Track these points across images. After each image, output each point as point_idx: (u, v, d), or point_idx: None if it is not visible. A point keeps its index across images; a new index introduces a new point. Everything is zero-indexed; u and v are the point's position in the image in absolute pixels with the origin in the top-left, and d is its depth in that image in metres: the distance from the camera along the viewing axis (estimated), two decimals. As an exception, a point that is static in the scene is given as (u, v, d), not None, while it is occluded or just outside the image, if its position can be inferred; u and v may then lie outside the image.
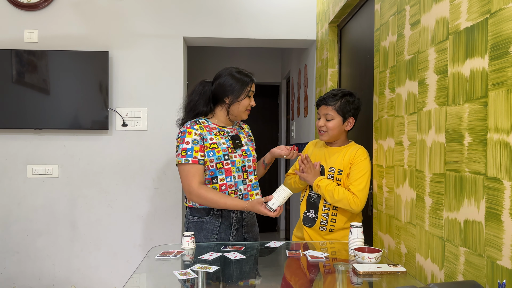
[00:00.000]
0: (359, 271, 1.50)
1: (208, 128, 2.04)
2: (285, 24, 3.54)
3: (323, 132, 2.11)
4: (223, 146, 2.01)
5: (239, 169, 2.03)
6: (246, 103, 2.09)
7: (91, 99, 3.28)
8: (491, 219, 1.25)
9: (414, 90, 1.75)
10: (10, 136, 3.34)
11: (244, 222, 2.08)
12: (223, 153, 2.00)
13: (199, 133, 1.99)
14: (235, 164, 2.02)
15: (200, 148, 1.97)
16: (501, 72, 1.21)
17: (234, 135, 2.09)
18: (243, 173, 2.05)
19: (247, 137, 2.19)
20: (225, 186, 2.00)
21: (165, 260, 1.72)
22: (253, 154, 2.12)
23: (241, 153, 2.06)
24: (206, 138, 2.00)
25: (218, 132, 2.05)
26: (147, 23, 3.44)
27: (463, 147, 1.39)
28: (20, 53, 3.22)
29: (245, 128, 2.24)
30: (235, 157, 2.03)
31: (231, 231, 2.04)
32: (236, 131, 2.13)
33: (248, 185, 2.06)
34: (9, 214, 3.33)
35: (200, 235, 2.02)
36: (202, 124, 2.04)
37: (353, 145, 2.15)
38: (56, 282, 3.36)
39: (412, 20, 1.79)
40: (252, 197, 2.06)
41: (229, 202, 1.93)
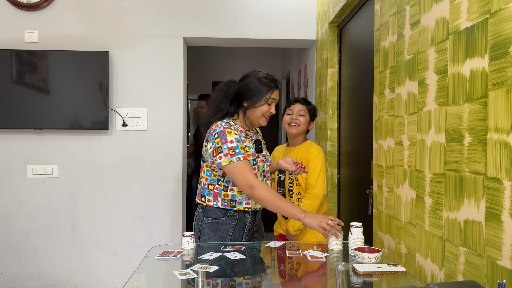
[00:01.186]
0: (359, 271, 1.50)
1: (238, 131, 1.98)
2: (285, 24, 3.54)
3: (295, 125, 2.40)
4: (251, 151, 1.98)
5: (261, 174, 2.02)
6: (264, 110, 2.00)
7: (91, 99, 3.28)
8: (491, 219, 1.25)
9: (414, 90, 1.75)
10: (10, 136, 3.34)
11: (256, 222, 2.08)
12: (252, 157, 1.97)
13: (238, 133, 1.95)
14: (259, 168, 2.01)
15: (244, 146, 1.94)
16: (501, 72, 1.21)
17: (257, 139, 2.08)
18: (264, 178, 2.05)
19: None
20: None
21: (165, 260, 1.72)
22: (270, 159, 2.13)
23: (262, 158, 2.05)
24: (242, 139, 1.96)
25: (246, 136, 2.02)
26: (147, 23, 3.44)
27: (463, 147, 1.39)
28: (20, 53, 3.22)
29: (259, 132, 2.21)
30: (259, 162, 2.02)
31: (244, 231, 2.03)
32: (255, 135, 2.12)
33: None
34: (9, 214, 3.33)
35: (215, 236, 1.98)
36: (233, 126, 1.98)
37: (308, 143, 2.45)
38: (56, 282, 3.36)
39: (412, 20, 1.79)
40: None
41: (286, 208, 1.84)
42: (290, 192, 2.41)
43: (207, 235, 1.99)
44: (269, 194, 1.84)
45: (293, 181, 2.39)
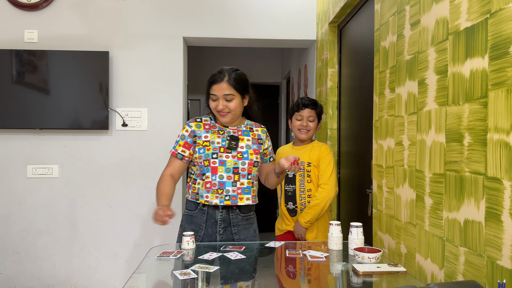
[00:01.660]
0: (359, 271, 1.50)
1: (208, 126, 2.05)
2: (285, 24, 3.54)
3: (306, 131, 2.48)
4: (215, 145, 2.01)
5: (229, 169, 1.99)
6: (212, 106, 2.01)
7: (91, 99, 3.28)
8: (491, 219, 1.25)
9: (414, 90, 1.75)
10: (10, 136, 3.34)
11: (233, 222, 2.03)
12: (212, 151, 1.99)
13: (192, 130, 2.03)
14: (225, 164, 1.99)
15: (185, 144, 2.02)
16: (501, 72, 1.21)
17: (233, 135, 2.05)
18: (234, 174, 2.00)
19: (254, 140, 2.09)
20: (210, 184, 1.99)
21: (165, 260, 1.72)
22: (252, 158, 2.03)
23: (235, 155, 2.01)
24: (199, 135, 2.02)
25: (217, 131, 2.05)
26: (147, 23, 3.44)
27: (463, 147, 1.39)
28: (20, 53, 3.22)
29: (256, 132, 2.13)
30: (226, 157, 1.99)
31: (218, 229, 2.02)
32: (240, 133, 2.08)
33: (238, 188, 2.00)
34: (9, 214, 3.33)
35: (189, 228, 2.05)
36: (203, 122, 2.07)
37: (316, 142, 2.53)
38: (56, 282, 3.36)
39: (412, 20, 1.79)
40: (241, 200, 2.01)
41: (157, 200, 1.98)
42: (301, 188, 2.46)
43: (183, 226, 2.07)
44: (158, 187, 2.01)
45: (305, 177, 2.45)
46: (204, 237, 2.02)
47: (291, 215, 2.51)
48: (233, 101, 1.99)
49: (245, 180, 2.02)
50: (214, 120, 2.08)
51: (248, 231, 2.08)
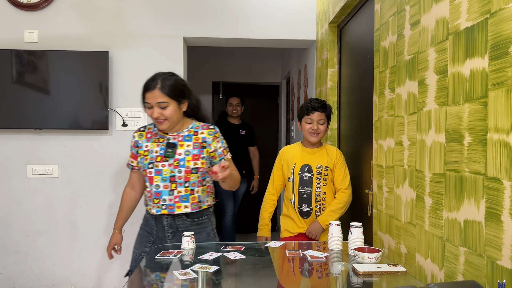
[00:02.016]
0: (359, 271, 1.50)
1: (150, 135, 2.05)
2: (285, 24, 3.54)
3: (315, 134, 2.46)
4: (153, 154, 1.99)
5: (166, 178, 1.95)
6: (148, 114, 1.97)
7: (91, 99, 3.28)
8: (491, 219, 1.25)
9: (414, 90, 1.75)
10: (10, 136, 3.34)
11: (180, 228, 2.01)
12: (149, 161, 1.98)
13: (135, 141, 2.08)
14: (161, 173, 1.96)
15: (131, 155, 2.10)
16: (501, 72, 1.21)
17: (170, 142, 2.00)
18: (171, 183, 1.96)
19: (196, 144, 2.01)
20: (150, 194, 2.00)
21: (165, 260, 1.72)
22: (188, 165, 1.96)
23: (172, 163, 1.96)
24: (141, 146, 2.05)
25: (157, 139, 2.03)
26: (147, 23, 3.44)
27: (463, 147, 1.39)
28: (20, 53, 3.22)
29: (200, 135, 2.03)
30: (162, 166, 1.96)
31: (167, 234, 2.03)
32: (181, 138, 2.01)
33: (176, 196, 1.96)
34: (9, 214, 3.33)
35: (144, 229, 2.12)
36: (147, 130, 2.08)
37: (328, 145, 2.55)
38: (56, 282, 3.36)
39: (412, 20, 1.79)
40: (179, 209, 1.97)
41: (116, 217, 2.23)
42: (317, 191, 2.46)
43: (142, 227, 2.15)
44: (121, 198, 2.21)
45: (321, 181, 2.46)
46: (156, 240, 2.06)
47: (304, 217, 2.48)
48: (168, 109, 1.93)
49: (183, 188, 1.96)
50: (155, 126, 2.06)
51: (200, 235, 2.03)
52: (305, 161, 2.48)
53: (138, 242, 2.11)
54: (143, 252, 2.05)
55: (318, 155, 2.49)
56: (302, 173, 2.47)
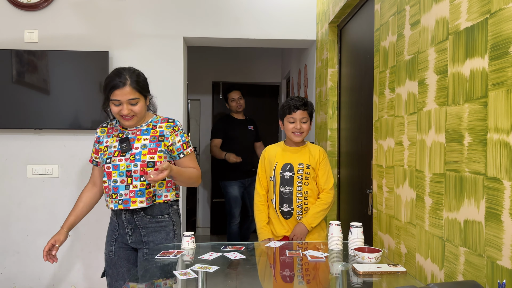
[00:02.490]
0: (359, 271, 1.50)
1: (111, 131, 2.05)
2: (285, 24, 3.54)
3: (299, 133, 2.43)
4: (111, 149, 1.99)
5: (122, 173, 1.94)
6: (115, 111, 1.93)
7: (91, 99, 3.28)
8: (491, 219, 1.25)
9: (414, 90, 1.75)
10: (10, 136, 3.34)
11: (139, 225, 1.99)
12: (107, 156, 1.98)
13: (97, 136, 2.08)
14: (118, 168, 1.94)
15: (95, 150, 2.10)
16: (501, 72, 1.21)
17: (122, 138, 1.99)
18: (127, 177, 1.93)
19: (153, 138, 1.99)
20: (108, 189, 1.98)
21: (165, 260, 1.72)
22: (144, 158, 1.93)
23: (128, 157, 1.94)
24: (102, 141, 2.05)
25: (117, 135, 2.03)
26: (147, 23, 3.44)
27: (463, 147, 1.39)
28: (20, 53, 3.22)
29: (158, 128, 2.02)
30: (119, 161, 1.94)
31: (126, 231, 2.02)
32: (139, 132, 2.00)
33: (131, 191, 1.93)
34: (9, 214, 3.33)
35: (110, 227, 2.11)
36: (108, 127, 2.08)
37: (311, 144, 2.52)
38: (56, 282, 3.36)
39: (412, 20, 1.79)
40: (135, 204, 1.93)
41: None
42: (299, 190, 2.40)
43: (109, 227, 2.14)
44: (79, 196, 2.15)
45: (303, 180, 2.41)
46: (118, 237, 2.06)
47: (286, 217, 2.42)
48: (138, 105, 1.93)
49: (138, 183, 1.93)
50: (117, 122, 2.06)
51: (159, 234, 2.00)
52: (286, 160, 2.44)
53: (106, 241, 2.11)
54: (110, 252, 2.07)
55: (300, 154, 2.45)
56: (283, 172, 2.43)
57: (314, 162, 2.43)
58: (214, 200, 5.84)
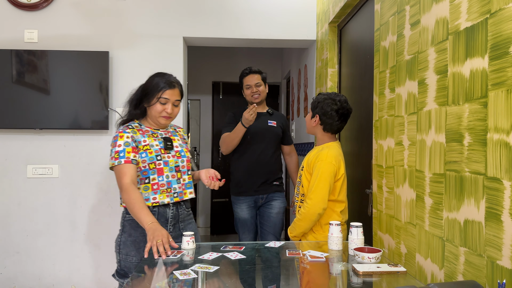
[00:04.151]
0: (359, 271, 1.50)
1: (141, 132, 2.07)
2: (285, 24, 3.54)
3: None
4: (155, 148, 2.05)
5: (172, 169, 2.07)
6: (159, 109, 2.05)
7: (91, 99, 3.28)
8: (491, 219, 1.25)
9: (414, 90, 1.75)
10: (10, 136, 3.34)
11: (181, 218, 2.11)
12: (155, 153, 2.03)
13: (131, 135, 2.03)
14: (168, 164, 2.06)
15: (133, 149, 2.00)
16: (501, 72, 1.21)
17: (166, 137, 2.12)
18: (177, 172, 2.09)
19: (181, 140, 2.21)
20: (157, 185, 2.03)
21: (165, 260, 1.72)
22: (187, 155, 2.16)
23: (174, 154, 2.10)
24: (139, 141, 2.03)
25: (152, 135, 2.08)
26: (147, 23, 3.44)
27: (463, 147, 1.39)
28: (20, 53, 3.22)
29: (180, 132, 2.26)
30: (168, 158, 2.07)
31: (168, 227, 2.04)
32: (170, 134, 2.16)
33: (182, 184, 2.10)
34: (9, 214, 3.33)
35: (136, 233, 2.00)
36: (135, 128, 2.07)
37: (324, 146, 2.26)
38: (56, 282, 3.36)
39: (412, 20, 1.79)
40: (185, 195, 2.11)
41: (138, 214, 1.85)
42: (297, 191, 2.35)
43: (128, 232, 2.03)
44: (129, 199, 1.89)
45: (301, 182, 2.30)
46: None
47: None
48: (178, 107, 2.12)
49: (186, 176, 2.13)
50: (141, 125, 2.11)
51: (191, 225, 2.17)
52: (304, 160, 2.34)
53: (135, 249, 2.00)
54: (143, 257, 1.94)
55: (310, 154, 2.28)
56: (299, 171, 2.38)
57: (309, 164, 2.23)
58: (214, 200, 5.84)
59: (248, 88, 3.09)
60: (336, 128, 2.27)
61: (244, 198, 3.03)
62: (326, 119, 2.24)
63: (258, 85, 3.09)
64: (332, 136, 2.30)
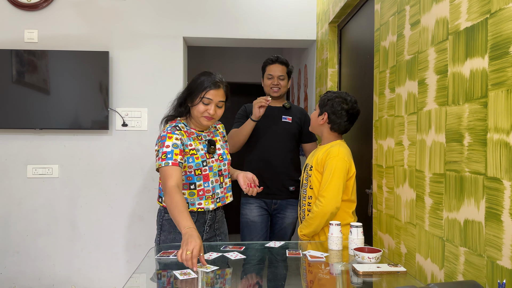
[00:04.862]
0: (359, 271, 1.50)
1: (187, 134, 2.01)
2: (285, 24, 3.54)
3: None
4: (201, 152, 2.00)
5: (216, 173, 2.04)
6: (201, 109, 1.97)
7: (91, 99, 3.28)
8: (491, 219, 1.25)
9: (414, 90, 1.75)
10: (10, 136, 3.34)
11: (216, 219, 2.11)
12: (201, 159, 1.99)
13: (180, 138, 1.95)
14: (212, 169, 2.03)
15: (180, 152, 1.92)
16: (501, 72, 1.21)
17: (210, 139, 2.06)
18: (220, 177, 2.06)
19: (222, 139, 2.16)
20: (203, 192, 2.00)
21: (165, 260, 1.72)
22: (228, 157, 2.12)
23: (217, 158, 2.06)
24: (186, 144, 1.97)
25: (196, 138, 2.03)
26: (147, 23, 3.44)
27: (463, 147, 1.39)
28: (20, 53, 3.22)
29: (219, 129, 2.19)
30: (212, 162, 2.03)
31: (205, 228, 2.05)
32: (212, 134, 2.10)
33: (224, 188, 2.09)
34: (9, 214, 3.33)
35: (175, 231, 2.00)
36: (182, 130, 2.00)
37: (333, 143, 2.19)
38: (56, 282, 3.36)
39: (412, 20, 1.79)
40: (227, 199, 2.11)
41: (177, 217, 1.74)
42: (304, 194, 2.24)
43: (167, 231, 2.03)
44: (170, 203, 1.79)
45: (308, 182, 2.21)
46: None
47: None
48: (222, 109, 2.03)
49: (228, 180, 2.12)
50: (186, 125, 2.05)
51: (224, 225, 2.19)
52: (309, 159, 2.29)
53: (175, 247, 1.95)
54: None
55: (318, 153, 2.20)
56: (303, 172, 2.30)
57: (319, 163, 2.14)
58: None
59: (269, 78, 2.80)
60: (344, 129, 2.22)
61: (255, 200, 2.76)
62: (335, 118, 2.17)
63: (281, 78, 2.80)
64: (338, 136, 2.24)
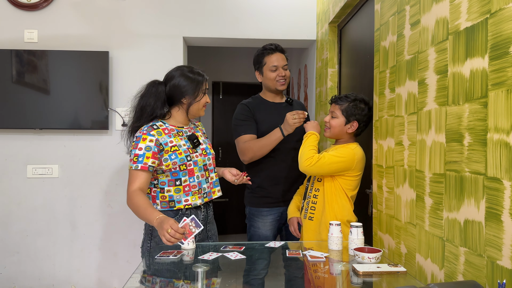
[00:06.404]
0: (359, 271, 1.50)
1: (167, 131, 1.99)
2: (285, 24, 3.54)
3: (327, 128, 2.20)
4: (183, 148, 1.99)
5: (201, 168, 2.04)
6: (204, 101, 2.08)
7: (91, 99, 3.28)
8: (491, 219, 1.25)
9: (414, 90, 1.75)
10: (10, 136, 3.34)
11: (208, 220, 2.11)
12: (185, 154, 1.98)
13: (156, 139, 1.92)
14: (197, 163, 2.03)
15: (153, 155, 1.90)
16: (501, 72, 1.21)
17: (191, 134, 2.06)
18: (205, 171, 2.07)
19: (203, 135, 2.18)
20: (189, 187, 1.99)
21: (165, 260, 1.72)
22: (212, 151, 2.14)
23: (201, 152, 2.07)
24: (166, 142, 1.94)
25: (177, 134, 2.02)
26: (147, 23, 3.44)
27: (463, 147, 1.39)
28: (20, 53, 3.22)
29: (199, 126, 2.23)
30: (196, 157, 2.03)
31: None
32: (192, 129, 2.12)
33: (210, 183, 2.09)
34: (9, 214, 3.33)
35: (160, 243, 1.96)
36: (160, 128, 1.98)
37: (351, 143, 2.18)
38: (56, 282, 3.36)
39: (412, 20, 1.79)
40: (214, 194, 2.11)
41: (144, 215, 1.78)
42: (311, 186, 2.21)
43: (158, 237, 1.96)
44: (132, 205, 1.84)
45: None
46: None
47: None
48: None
49: (213, 174, 2.12)
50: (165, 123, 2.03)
51: (214, 225, 2.18)
52: None
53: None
54: None
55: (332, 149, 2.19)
56: None
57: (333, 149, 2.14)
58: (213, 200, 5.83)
59: (274, 70, 2.47)
60: (361, 133, 2.23)
61: (269, 210, 2.46)
62: (363, 126, 2.18)
63: (285, 68, 2.50)
64: (355, 138, 2.24)
